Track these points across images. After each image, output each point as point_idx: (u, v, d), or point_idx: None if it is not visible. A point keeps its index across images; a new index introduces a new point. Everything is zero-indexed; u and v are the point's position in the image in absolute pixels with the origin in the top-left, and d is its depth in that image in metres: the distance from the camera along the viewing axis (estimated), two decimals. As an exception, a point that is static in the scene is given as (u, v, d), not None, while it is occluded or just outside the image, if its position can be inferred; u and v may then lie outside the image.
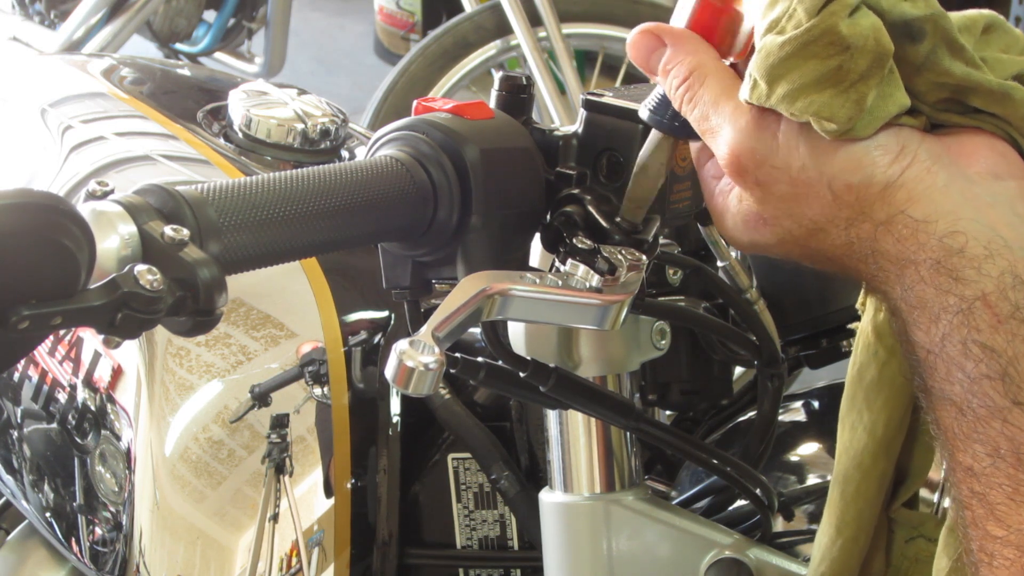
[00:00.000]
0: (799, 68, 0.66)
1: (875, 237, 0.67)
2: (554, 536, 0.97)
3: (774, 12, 0.68)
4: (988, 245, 0.64)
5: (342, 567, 1.09)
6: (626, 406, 0.92)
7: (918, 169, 0.66)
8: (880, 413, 0.84)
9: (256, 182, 0.72)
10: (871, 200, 0.67)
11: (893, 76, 0.67)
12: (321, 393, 1.08)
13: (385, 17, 4.16)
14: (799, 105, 0.67)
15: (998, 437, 0.63)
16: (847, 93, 0.66)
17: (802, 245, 0.71)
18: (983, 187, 0.66)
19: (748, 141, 0.70)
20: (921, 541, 0.88)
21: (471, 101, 0.82)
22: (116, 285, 0.62)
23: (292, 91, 1.30)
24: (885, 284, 0.68)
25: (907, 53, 0.67)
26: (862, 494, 0.86)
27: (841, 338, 1.18)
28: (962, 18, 0.70)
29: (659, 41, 0.74)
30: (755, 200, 0.71)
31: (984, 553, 0.64)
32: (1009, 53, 0.70)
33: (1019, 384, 0.62)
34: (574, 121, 0.84)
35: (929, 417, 0.67)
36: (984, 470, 0.64)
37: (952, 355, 0.64)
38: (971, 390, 0.63)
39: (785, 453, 1.17)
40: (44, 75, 1.47)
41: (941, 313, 0.64)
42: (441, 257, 0.81)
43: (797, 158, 0.69)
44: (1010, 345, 0.63)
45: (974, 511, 0.64)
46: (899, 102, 0.67)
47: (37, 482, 1.17)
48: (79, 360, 1.12)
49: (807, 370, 1.25)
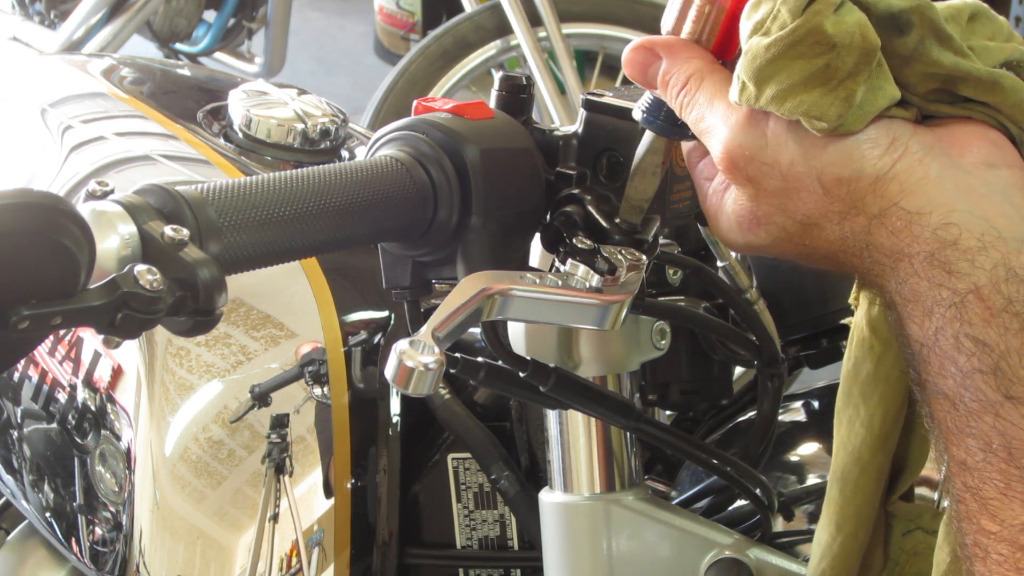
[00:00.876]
0: (786, 69, 0.67)
1: (869, 230, 0.67)
2: (554, 536, 0.97)
3: (758, 14, 0.68)
4: (982, 237, 0.64)
5: (342, 567, 1.09)
6: (626, 406, 0.92)
7: (910, 161, 0.66)
8: (877, 407, 0.84)
9: (256, 182, 0.72)
10: (862, 193, 0.67)
11: (882, 69, 0.67)
12: (321, 393, 1.08)
13: (385, 17, 4.16)
14: (788, 105, 0.67)
15: (990, 431, 0.63)
16: (836, 91, 0.66)
17: (796, 242, 0.71)
18: (977, 177, 0.66)
19: (738, 137, 0.70)
20: (919, 533, 0.88)
21: (471, 101, 0.82)
22: (116, 285, 0.62)
23: (292, 91, 1.30)
24: (880, 278, 0.68)
25: (895, 45, 0.67)
26: (860, 489, 0.86)
27: (841, 338, 1.18)
28: (947, 8, 0.70)
29: (653, 54, 0.74)
30: (748, 197, 0.71)
31: (978, 548, 0.64)
32: (995, 41, 0.70)
33: (1011, 378, 0.62)
34: (574, 121, 0.84)
35: (924, 411, 0.67)
36: (977, 464, 0.64)
37: (945, 349, 0.64)
38: (963, 384, 0.63)
39: (785, 453, 1.17)
40: (44, 75, 1.47)
41: (934, 307, 0.64)
42: (441, 257, 0.81)
43: (786, 154, 0.69)
44: (1002, 339, 0.63)
45: (967, 505, 0.65)
46: (889, 95, 0.67)
47: (37, 482, 1.17)
48: (79, 360, 1.12)
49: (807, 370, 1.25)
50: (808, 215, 0.69)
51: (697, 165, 0.78)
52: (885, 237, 0.66)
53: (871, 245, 0.67)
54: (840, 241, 0.69)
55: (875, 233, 0.67)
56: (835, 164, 0.68)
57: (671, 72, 0.73)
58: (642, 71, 0.75)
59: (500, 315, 0.76)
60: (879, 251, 0.67)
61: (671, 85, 0.74)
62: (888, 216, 0.66)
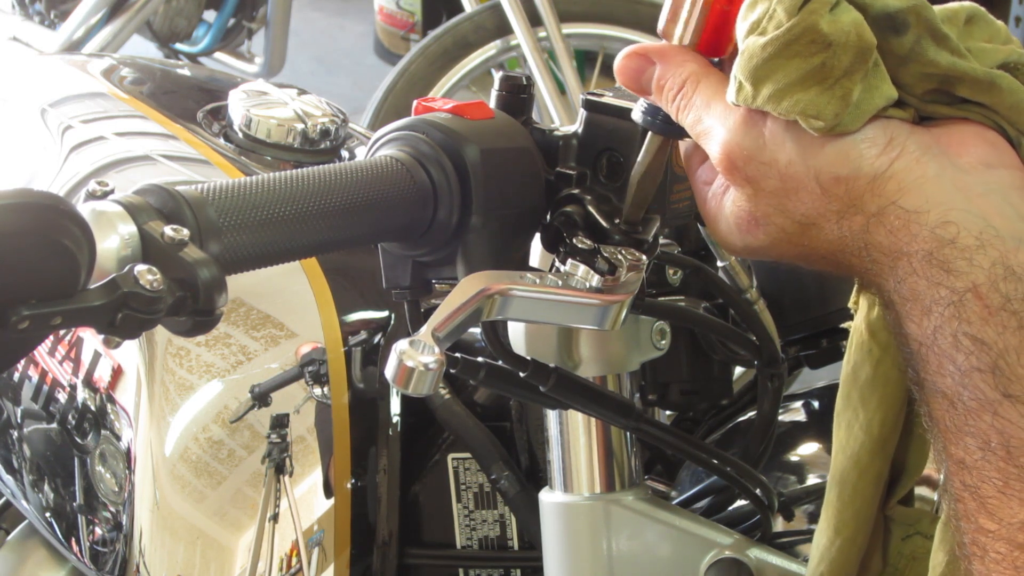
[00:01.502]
0: (782, 68, 0.67)
1: (867, 229, 0.67)
2: (554, 536, 0.97)
3: (754, 14, 0.68)
4: (980, 235, 0.64)
5: (342, 567, 1.09)
6: (626, 406, 0.92)
7: (907, 160, 0.66)
8: (875, 411, 0.84)
9: (256, 182, 0.72)
10: (860, 192, 0.67)
11: (878, 69, 0.67)
12: (321, 393, 1.08)
13: (385, 17, 4.17)
14: (785, 104, 0.67)
15: (988, 430, 0.63)
16: (832, 90, 0.66)
17: (795, 243, 0.71)
18: (974, 177, 0.66)
19: (736, 138, 0.70)
20: (918, 538, 0.88)
21: (471, 101, 0.82)
22: (116, 285, 0.62)
23: (292, 91, 1.30)
24: (879, 277, 0.68)
25: (892, 45, 0.67)
26: (859, 493, 0.86)
27: (841, 338, 1.18)
28: (944, 10, 0.70)
29: (647, 60, 0.75)
30: (746, 198, 0.71)
31: (976, 547, 0.64)
32: (992, 43, 0.71)
33: (1009, 377, 0.62)
34: (574, 121, 0.84)
35: (922, 410, 0.67)
36: (975, 463, 0.64)
37: (943, 347, 0.64)
38: (962, 383, 0.63)
39: (785, 453, 1.17)
40: (44, 75, 1.47)
41: (932, 305, 0.64)
42: (441, 257, 0.81)
43: (784, 153, 0.69)
44: (1000, 337, 0.62)
45: (966, 504, 0.64)
46: (886, 94, 0.67)
47: (37, 482, 1.17)
48: (79, 360, 1.12)
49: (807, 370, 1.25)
50: (806, 215, 0.69)
51: (696, 170, 0.78)
52: (883, 236, 0.66)
53: (869, 244, 0.67)
54: (839, 241, 0.69)
55: (873, 232, 0.67)
56: (832, 163, 0.68)
57: (665, 77, 0.74)
58: (635, 78, 0.75)
59: (500, 315, 0.76)
60: (877, 250, 0.67)
61: (666, 90, 0.74)
62: (886, 215, 0.66)
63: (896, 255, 0.66)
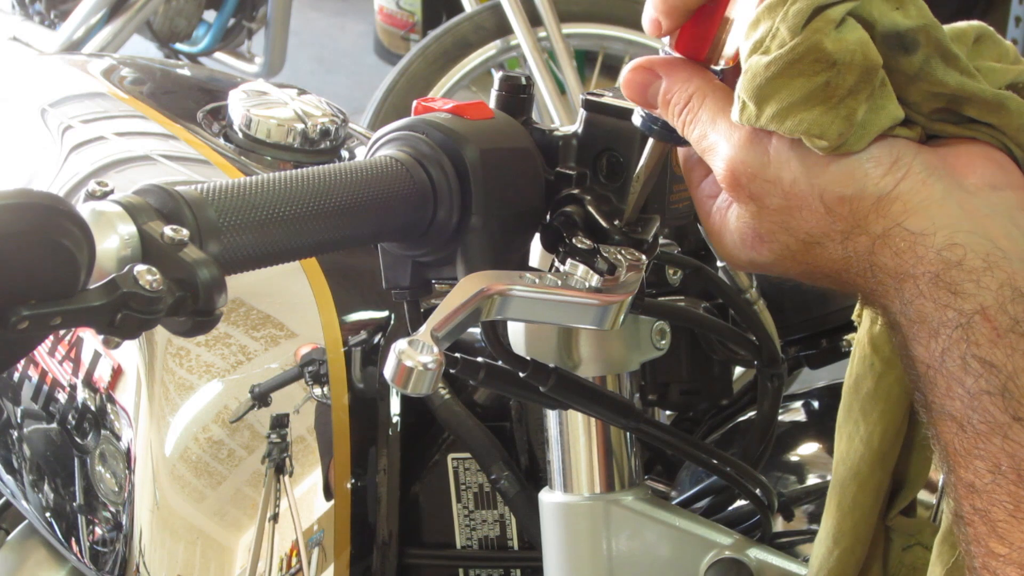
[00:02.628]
0: (786, 87, 0.66)
1: (873, 251, 0.67)
2: (554, 536, 0.97)
3: (757, 32, 0.67)
4: (987, 257, 0.63)
5: (342, 567, 1.09)
6: (626, 406, 0.92)
7: (913, 181, 0.66)
8: (876, 425, 0.84)
9: (256, 182, 0.72)
10: (865, 213, 0.66)
11: (885, 88, 0.67)
12: (321, 393, 1.08)
13: (385, 17, 4.17)
14: (789, 124, 0.66)
15: (999, 453, 0.62)
16: (836, 109, 0.66)
17: (799, 260, 0.71)
18: (981, 198, 0.65)
19: (741, 155, 0.70)
20: (918, 549, 0.88)
21: (471, 101, 0.82)
22: (116, 285, 0.62)
23: (292, 91, 1.30)
24: (884, 298, 0.67)
25: (900, 64, 0.67)
26: (859, 504, 0.85)
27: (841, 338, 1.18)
28: (952, 29, 0.69)
29: (652, 74, 0.74)
30: (750, 215, 0.71)
31: (987, 571, 0.63)
32: (1001, 63, 0.70)
33: (1019, 399, 0.62)
34: (574, 121, 0.84)
35: (930, 432, 0.66)
36: (985, 487, 0.63)
37: (952, 370, 0.63)
38: (971, 406, 0.63)
39: (785, 453, 1.17)
40: (44, 75, 1.47)
41: (940, 328, 0.64)
42: (441, 257, 0.81)
43: (789, 172, 0.68)
44: (1009, 360, 0.62)
45: (976, 528, 0.64)
46: (892, 114, 0.67)
47: (37, 482, 1.17)
48: (79, 360, 1.12)
49: (807, 370, 1.25)
50: (810, 233, 0.69)
51: (699, 184, 0.77)
52: (889, 258, 0.66)
53: (875, 266, 0.67)
54: (843, 260, 0.68)
55: (879, 253, 0.66)
56: (837, 183, 0.67)
57: (672, 91, 0.73)
58: (641, 91, 0.75)
59: (499, 315, 0.75)
60: (883, 271, 0.66)
61: (672, 104, 0.73)
62: (891, 236, 0.66)
63: (902, 277, 0.65)
